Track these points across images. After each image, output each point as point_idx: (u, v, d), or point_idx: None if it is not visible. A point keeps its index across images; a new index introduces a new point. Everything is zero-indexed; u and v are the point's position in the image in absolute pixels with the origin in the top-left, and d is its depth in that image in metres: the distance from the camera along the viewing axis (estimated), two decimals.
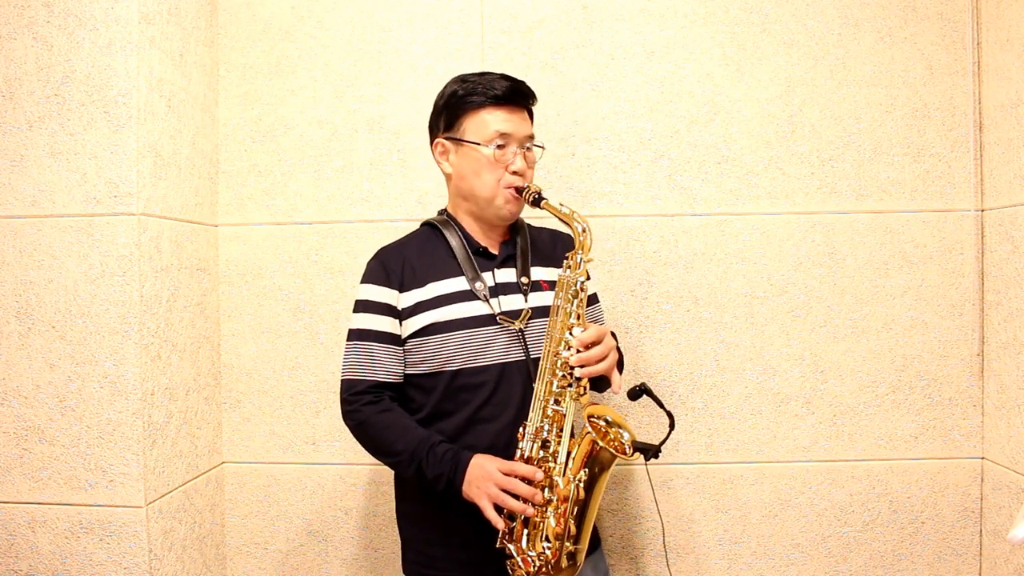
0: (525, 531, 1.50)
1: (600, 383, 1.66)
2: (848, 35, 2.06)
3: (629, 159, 2.09)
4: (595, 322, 1.69)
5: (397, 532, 1.72)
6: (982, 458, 2.05)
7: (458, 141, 1.61)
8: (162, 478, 1.85)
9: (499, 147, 1.58)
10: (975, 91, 2.05)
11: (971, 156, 2.05)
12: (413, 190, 2.12)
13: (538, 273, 1.67)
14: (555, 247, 1.73)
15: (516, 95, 1.62)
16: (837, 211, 2.06)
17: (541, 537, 1.49)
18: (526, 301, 1.62)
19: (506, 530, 1.49)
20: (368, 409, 1.58)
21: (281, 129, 2.14)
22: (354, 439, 1.63)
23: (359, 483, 2.12)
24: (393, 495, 1.73)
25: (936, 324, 2.05)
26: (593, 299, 1.77)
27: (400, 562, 1.72)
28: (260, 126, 2.15)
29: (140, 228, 1.79)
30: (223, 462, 2.16)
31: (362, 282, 1.65)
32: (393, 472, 1.70)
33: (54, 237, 1.80)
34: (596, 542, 1.70)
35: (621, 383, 1.59)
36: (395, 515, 1.72)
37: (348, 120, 2.13)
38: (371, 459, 1.91)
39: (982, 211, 2.04)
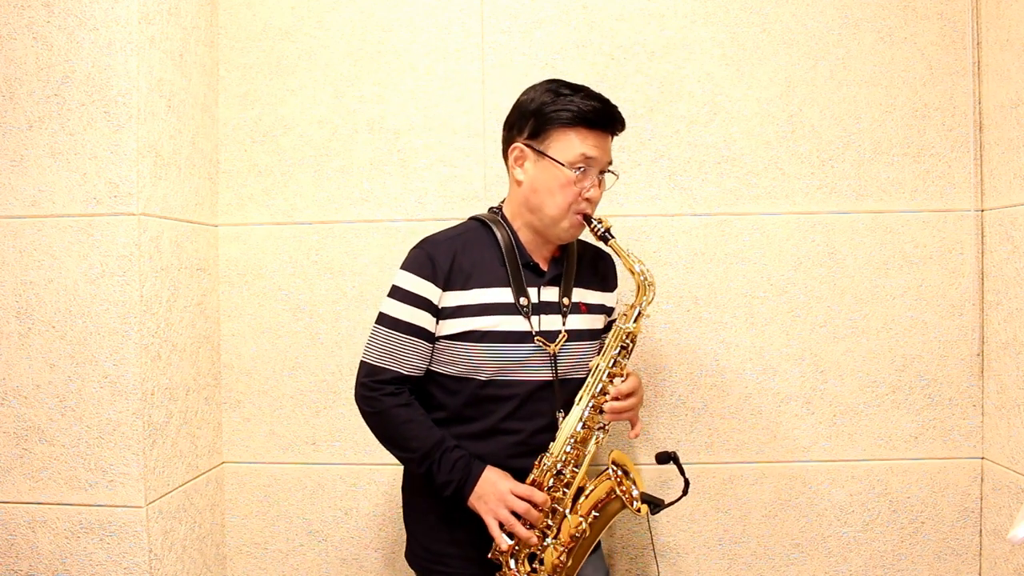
0: (516, 548, 1.53)
1: None
2: (848, 35, 2.06)
3: (629, 159, 2.08)
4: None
5: (397, 532, 1.72)
6: (982, 458, 2.04)
7: (540, 153, 1.56)
8: (162, 478, 1.85)
9: (581, 170, 1.54)
10: (975, 91, 2.04)
11: (971, 156, 2.04)
12: (413, 190, 2.12)
13: (579, 294, 1.65)
14: (597, 268, 1.73)
15: (609, 120, 1.56)
16: (837, 211, 2.06)
17: (534, 559, 1.53)
18: (564, 322, 1.60)
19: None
20: (388, 400, 1.56)
21: (281, 129, 2.14)
22: (355, 438, 1.63)
23: (359, 483, 2.12)
24: (395, 495, 1.72)
25: (936, 324, 2.05)
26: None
27: (403, 552, 1.72)
28: (260, 126, 2.15)
29: (140, 228, 1.79)
30: (223, 462, 2.16)
31: (404, 269, 1.58)
32: (402, 466, 1.71)
33: (54, 237, 1.79)
34: (596, 544, 1.70)
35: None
36: (402, 507, 1.72)
37: (348, 120, 2.13)
38: (371, 459, 1.89)
39: (982, 211, 2.04)
